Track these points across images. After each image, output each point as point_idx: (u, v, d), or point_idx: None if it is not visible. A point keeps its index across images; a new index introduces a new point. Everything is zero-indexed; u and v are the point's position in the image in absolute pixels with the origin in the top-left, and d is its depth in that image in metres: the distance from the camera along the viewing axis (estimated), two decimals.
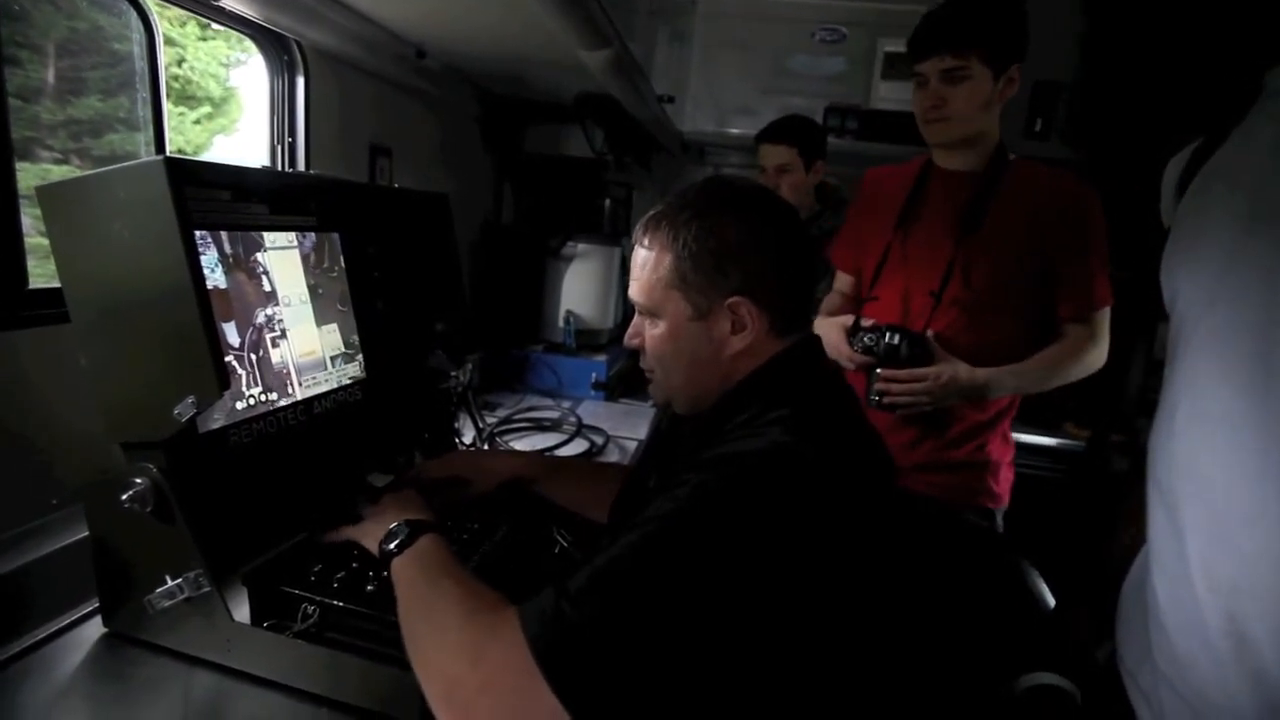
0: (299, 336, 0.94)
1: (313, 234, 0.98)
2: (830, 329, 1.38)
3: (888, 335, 1.30)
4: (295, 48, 1.33)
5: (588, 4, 1.15)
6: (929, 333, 1.31)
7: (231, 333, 0.81)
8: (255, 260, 0.87)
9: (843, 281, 1.57)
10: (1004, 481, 1.41)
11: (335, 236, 1.01)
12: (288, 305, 0.93)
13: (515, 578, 0.92)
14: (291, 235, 0.95)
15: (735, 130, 2.41)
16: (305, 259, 0.97)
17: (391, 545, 0.77)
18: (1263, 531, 0.55)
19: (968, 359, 1.30)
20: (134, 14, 1.04)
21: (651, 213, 0.78)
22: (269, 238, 0.90)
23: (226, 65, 2.82)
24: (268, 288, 0.89)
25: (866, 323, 1.35)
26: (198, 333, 0.70)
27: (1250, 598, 0.56)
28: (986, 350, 1.30)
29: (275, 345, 0.89)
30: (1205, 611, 0.59)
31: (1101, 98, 2.14)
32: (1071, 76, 2.13)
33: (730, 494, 0.62)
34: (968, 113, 1.25)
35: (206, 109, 2.95)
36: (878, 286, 1.41)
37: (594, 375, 2.08)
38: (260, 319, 0.87)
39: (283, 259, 0.93)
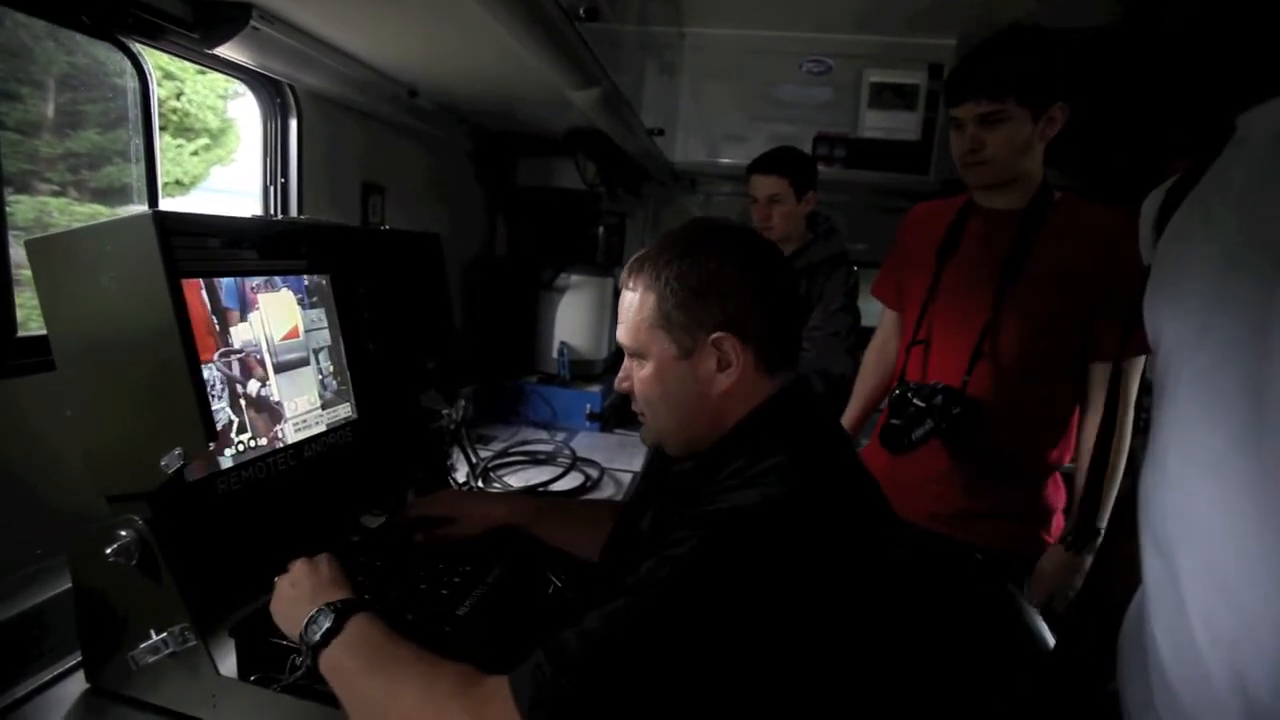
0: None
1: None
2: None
3: (894, 419, 1.23)
4: (289, 91, 1.35)
5: (576, 48, 1.17)
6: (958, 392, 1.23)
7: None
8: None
9: (888, 319, 1.54)
10: (1056, 531, 1.31)
11: (325, 279, 1.01)
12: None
13: (510, 620, 0.91)
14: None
15: (726, 160, 2.44)
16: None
17: (316, 636, 0.69)
18: (1263, 587, 0.54)
19: (997, 420, 1.24)
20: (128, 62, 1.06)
21: (636, 256, 0.79)
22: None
23: (224, 97, 2.85)
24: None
25: (896, 393, 1.28)
26: (185, 383, 0.70)
27: (1254, 655, 0.54)
28: (1018, 412, 1.25)
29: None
30: (1209, 665, 0.57)
31: (1090, 124, 2.18)
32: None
33: (724, 561, 0.62)
34: (1006, 156, 1.21)
35: (204, 141, 2.98)
36: (921, 330, 1.36)
37: (588, 406, 2.08)
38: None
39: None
